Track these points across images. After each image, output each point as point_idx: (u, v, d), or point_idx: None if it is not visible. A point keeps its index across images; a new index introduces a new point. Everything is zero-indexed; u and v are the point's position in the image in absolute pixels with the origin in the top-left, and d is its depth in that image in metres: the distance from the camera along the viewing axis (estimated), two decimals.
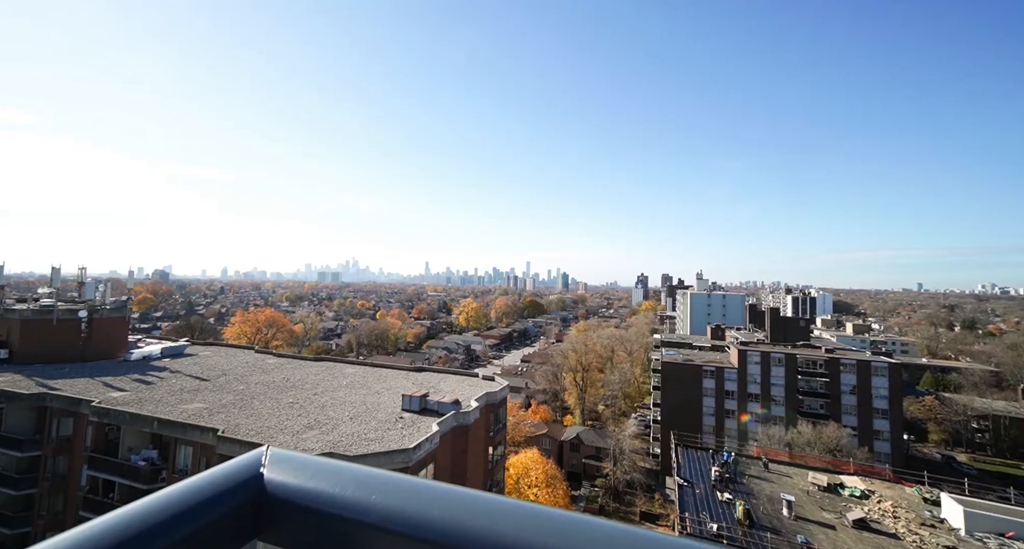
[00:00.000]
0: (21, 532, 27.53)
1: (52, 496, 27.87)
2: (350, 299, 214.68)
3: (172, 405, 26.62)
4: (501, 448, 32.52)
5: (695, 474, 29.48)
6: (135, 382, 31.77)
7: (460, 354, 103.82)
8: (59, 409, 27.94)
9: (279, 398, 28.99)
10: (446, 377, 36.33)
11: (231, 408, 26.56)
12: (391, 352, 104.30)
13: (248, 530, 0.73)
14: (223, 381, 33.03)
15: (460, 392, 30.76)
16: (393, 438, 22.76)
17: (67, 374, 32.86)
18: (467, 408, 27.07)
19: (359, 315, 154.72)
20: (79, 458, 27.05)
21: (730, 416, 53.76)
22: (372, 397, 29.89)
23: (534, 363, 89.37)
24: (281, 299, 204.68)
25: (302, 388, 31.69)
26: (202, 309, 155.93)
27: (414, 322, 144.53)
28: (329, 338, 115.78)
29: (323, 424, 24.35)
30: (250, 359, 41.93)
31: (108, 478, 25.12)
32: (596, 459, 54.18)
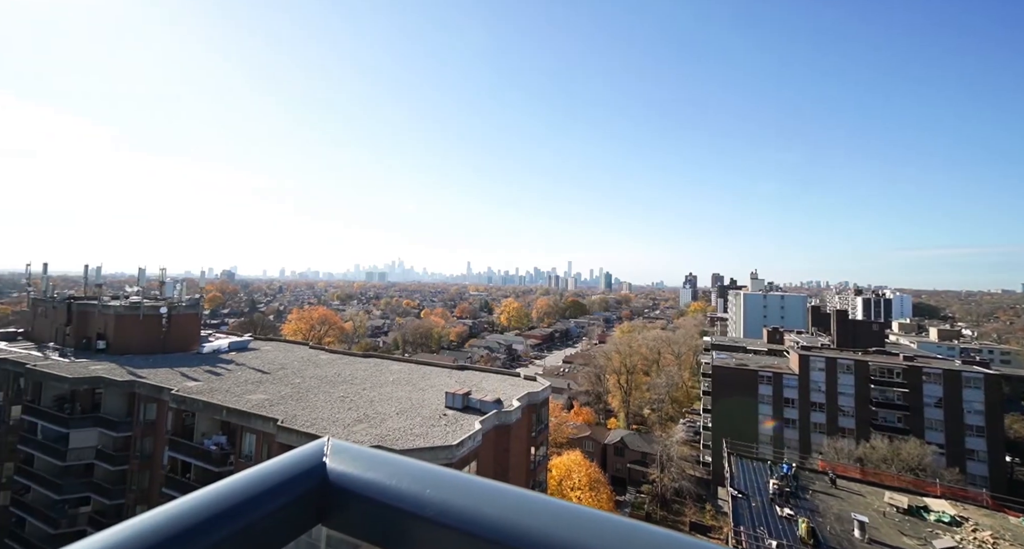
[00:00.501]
0: (117, 503, 31.12)
1: (140, 473, 31.23)
2: (396, 298, 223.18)
3: (238, 395, 28.91)
4: (543, 449, 32.32)
5: (750, 486, 27.68)
6: (207, 373, 34.88)
7: (501, 353, 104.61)
8: (145, 395, 31.27)
9: (331, 392, 30.62)
10: (488, 376, 36.68)
11: (289, 400, 28.40)
12: (434, 350, 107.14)
13: (313, 515, 0.77)
14: (281, 374, 35.44)
15: (502, 391, 30.91)
16: (437, 434, 23.28)
17: (151, 364, 36.70)
18: (509, 407, 27.14)
19: (404, 314, 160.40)
20: (162, 440, 30.09)
21: (790, 426, 50.04)
22: (417, 394, 30.78)
23: (576, 364, 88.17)
24: (332, 298, 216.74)
25: (352, 383, 33.28)
26: (263, 307, 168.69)
27: (456, 321, 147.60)
28: (376, 335, 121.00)
29: (372, 418, 25.40)
30: (305, 354, 44.70)
31: (185, 459, 27.75)
32: (642, 464, 52.49)
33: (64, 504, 31.71)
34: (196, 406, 27.67)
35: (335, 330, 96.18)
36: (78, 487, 31.50)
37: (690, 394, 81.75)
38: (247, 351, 44.69)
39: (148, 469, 31.00)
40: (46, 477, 32.13)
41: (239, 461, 26.03)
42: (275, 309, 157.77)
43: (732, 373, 52.87)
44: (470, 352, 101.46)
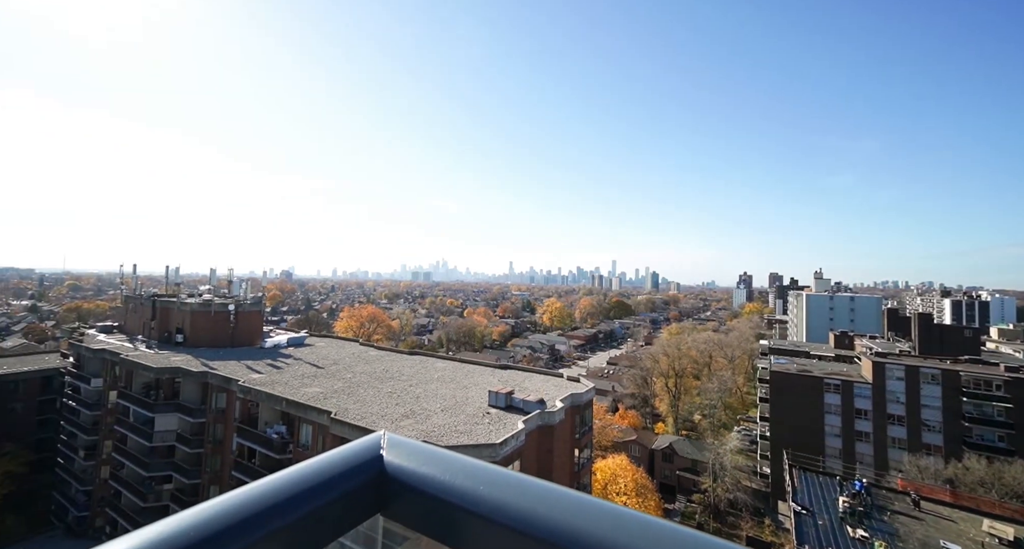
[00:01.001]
0: (194, 482, 34.36)
1: (213, 456, 34.26)
2: (440, 297, 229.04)
3: (296, 388, 30.86)
4: (587, 451, 31.70)
5: (816, 502, 25.48)
6: (268, 366, 37.58)
7: (544, 353, 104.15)
8: (216, 385, 34.23)
9: (380, 387, 31.87)
10: (531, 376, 36.55)
11: (341, 394, 29.90)
12: (477, 349, 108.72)
13: (372, 504, 0.82)
14: (334, 369, 37.41)
15: (545, 391, 30.65)
16: (481, 432, 23.48)
17: (220, 357, 40.13)
18: (552, 408, 26.85)
19: (448, 313, 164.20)
20: (231, 427, 32.80)
21: (863, 439, 45.59)
22: (461, 392, 31.27)
23: (621, 366, 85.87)
24: (380, 297, 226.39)
25: (399, 379, 34.45)
26: (317, 305, 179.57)
27: (499, 320, 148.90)
28: (422, 334, 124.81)
29: (418, 414, 26.12)
30: (355, 350, 46.93)
31: (251, 446, 30.04)
32: (692, 472, 50.09)
33: (151, 481, 35.48)
34: (259, 397, 29.87)
35: (383, 328, 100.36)
36: (162, 466, 35.11)
37: (745, 400, 76.94)
38: (303, 346, 47.67)
39: (219, 453, 33.90)
40: (136, 456, 36.12)
41: (297, 450, 27.76)
42: (328, 307, 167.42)
43: (793, 379, 49.04)
44: (512, 351, 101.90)
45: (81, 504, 41.28)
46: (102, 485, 39.65)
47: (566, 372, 38.14)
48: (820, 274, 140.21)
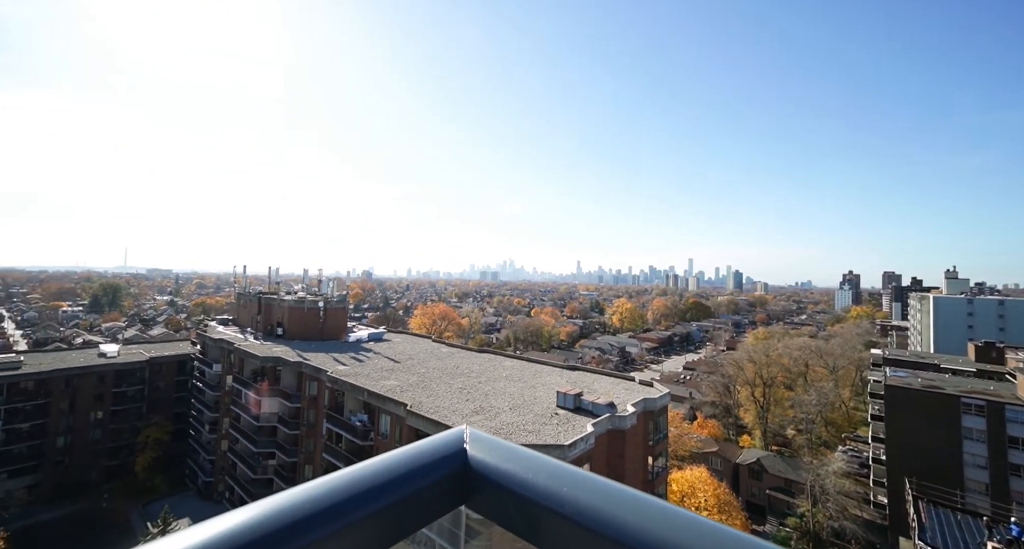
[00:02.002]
0: (292, 460, 38.71)
1: (307, 438, 38.30)
2: (507, 297, 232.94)
3: (376, 380, 33.29)
4: (662, 460, 30.02)
5: (952, 543, 21.47)
6: (352, 359, 41.03)
7: (614, 355, 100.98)
8: (309, 375, 38.18)
9: (451, 383, 33.16)
10: (599, 378, 35.57)
11: (415, 388, 31.63)
12: (545, 349, 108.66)
13: (457, 496, 0.85)
14: (409, 364, 39.72)
15: (615, 395, 29.60)
16: (549, 433, 23.32)
17: (312, 349, 44.68)
18: (623, 412, 25.83)
19: (515, 312, 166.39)
20: (321, 413, 36.38)
21: (1019, 474, 37.43)
22: (528, 391, 31.38)
23: (699, 371, 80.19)
24: (451, 296, 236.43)
25: (469, 376, 35.56)
26: (394, 303, 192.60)
27: (566, 320, 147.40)
28: (490, 332, 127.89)
29: (487, 411, 26.70)
30: (428, 347, 49.41)
31: (337, 431, 33.04)
32: (786, 492, 45.11)
33: (259, 456, 40.63)
34: (345, 387, 32.72)
35: (453, 325, 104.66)
36: (267, 444, 40.03)
37: (852, 417, 67.47)
38: (382, 342, 51.33)
39: (312, 436, 37.78)
40: (247, 433, 41.62)
41: (378, 438, 29.93)
42: (403, 305, 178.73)
43: (917, 396, 41.81)
44: (580, 352, 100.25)
45: (207, 471, 48.67)
46: (222, 456, 46.34)
47: (638, 376, 36.49)
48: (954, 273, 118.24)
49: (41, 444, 47.47)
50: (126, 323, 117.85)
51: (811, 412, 58.95)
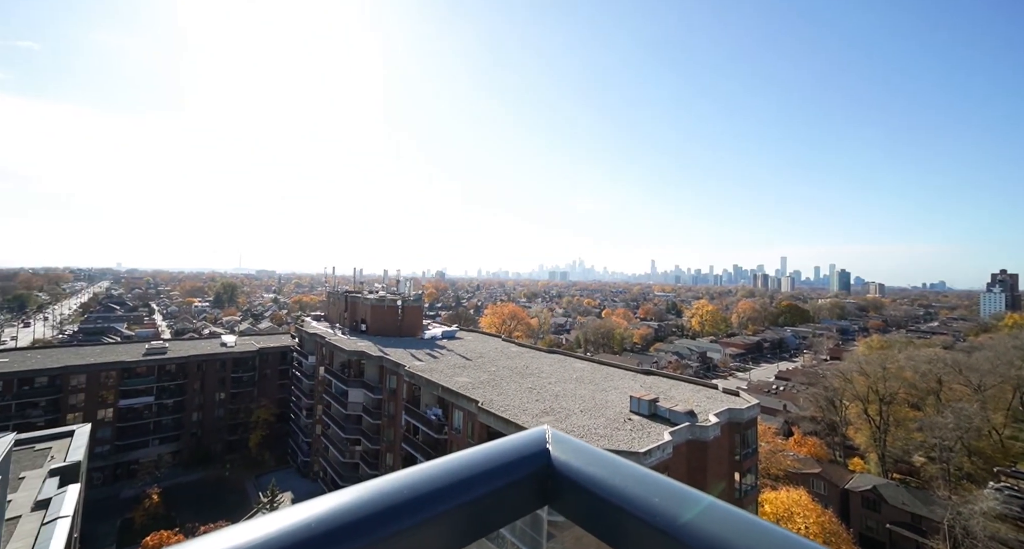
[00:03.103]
0: (375, 448, 41.98)
1: (388, 428, 41.26)
2: (577, 297, 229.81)
3: (449, 376, 34.78)
4: (751, 477, 27.40)
5: None
6: (427, 355, 43.33)
7: (693, 361, 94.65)
8: (389, 369, 41.08)
9: (521, 382, 33.50)
10: (677, 384, 33.50)
11: (486, 385, 32.47)
12: (616, 351, 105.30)
13: (540, 496, 0.85)
14: (480, 362, 40.90)
15: (695, 403, 27.68)
16: (622, 438, 22.47)
17: (392, 344, 48.00)
18: (705, 422, 24.02)
19: (585, 313, 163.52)
20: (400, 405, 38.95)
21: None
22: (600, 394, 30.58)
23: (796, 382, 71.98)
24: (520, 296, 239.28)
25: (539, 376, 35.64)
26: (465, 302, 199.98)
27: (640, 322, 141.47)
28: (559, 332, 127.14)
29: (557, 412, 26.52)
30: (498, 346, 50.45)
31: (414, 423, 35.12)
32: (914, 530, 38.59)
33: (347, 441, 44.67)
34: (421, 381, 34.66)
35: (522, 325, 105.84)
36: (354, 431, 43.85)
37: (1008, 448, 55.69)
38: (455, 339, 53.52)
39: (392, 426, 40.60)
40: (337, 419, 45.97)
41: (451, 432, 31.25)
42: (474, 304, 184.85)
43: None
44: (655, 356, 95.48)
45: (305, 451, 54.71)
46: (317, 439, 51.77)
47: (721, 384, 33.71)
48: None
49: (180, 418, 57.01)
50: (240, 317, 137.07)
51: (948, 438, 49.69)
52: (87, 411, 50.28)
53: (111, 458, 51.02)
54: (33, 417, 46.92)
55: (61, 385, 49.78)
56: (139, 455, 53.26)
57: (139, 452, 53.45)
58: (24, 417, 46.40)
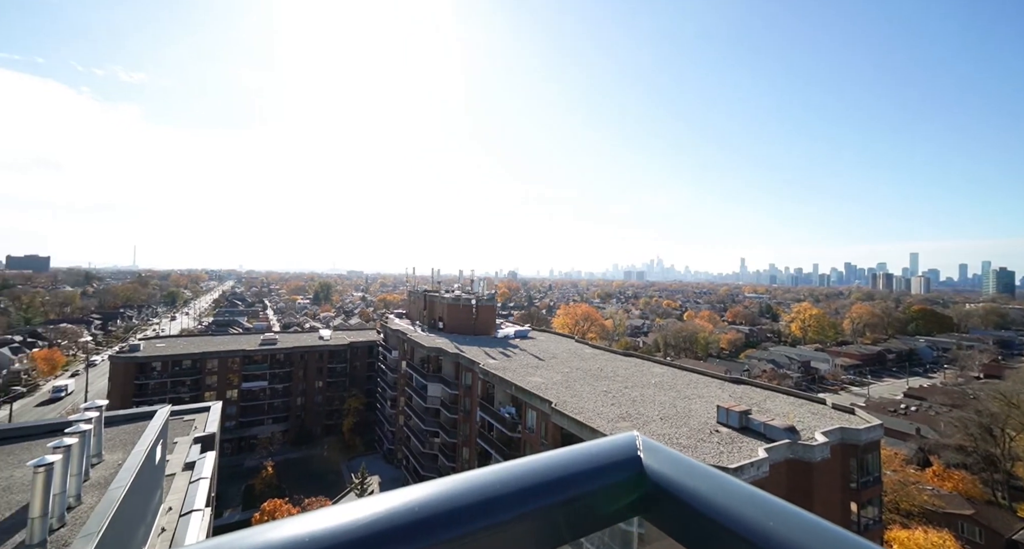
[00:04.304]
0: (452, 441, 44.09)
1: (464, 423, 43.06)
2: (655, 298, 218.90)
3: (522, 376, 35.29)
4: (873, 509, 23.85)
5: None
6: (500, 354, 44.38)
7: (793, 371, 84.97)
8: (464, 365, 42.83)
9: (595, 385, 32.86)
10: (773, 396, 30.34)
11: (559, 386, 32.37)
12: (700, 357, 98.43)
13: (632, 505, 0.80)
14: (553, 363, 40.87)
15: (796, 418, 24.82)
16: (707, 451, 20.97)
17: (467, 342, 49.95)
18: (809, 440, 21.43)
19: (665, 315, 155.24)
20: (475, 401, 40.43)
21: None
22: (682, 402, 28.86)
23: (934, 402, 61.13)
24: (593, 296, 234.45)
25: (614, 379, 34.65)
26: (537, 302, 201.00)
27: (727, 326, 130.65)
28: (636, 335, 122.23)
29: (634, 418, 25.56)
30: (571, 347, 49.97)
31: (489, 420, 36.21)
32: None
33: (426, 433, 47.49)
34: (494, 379, 35.63)
35: (596, 327, 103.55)
36: (432, 423, 46.47)
37: None
38: (527, 339, 54.13)
39: (468, 421, 42.27)
40: (418, 412, 49.06)
41: (525, 431, 31.69)
42: (546, 304, 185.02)
43: None
44: (746, 364, 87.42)
45: (389, 439, 59.27)
46: (400, 429, 55.79)
47: (829, 398, 29.81)
48: None
49: (288, 401, 65.14)
50: (334, 313, 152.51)
51: None
52: (219, 390, 59.75)
53: (236, 432, 59.98)
54: (181, 392, 57.00)
55: (200, 368, 59.80)
56: (256, 431, 61.93)
57: (256, 429, 62.15)
58: (176, 392, 56.57)
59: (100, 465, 12.07)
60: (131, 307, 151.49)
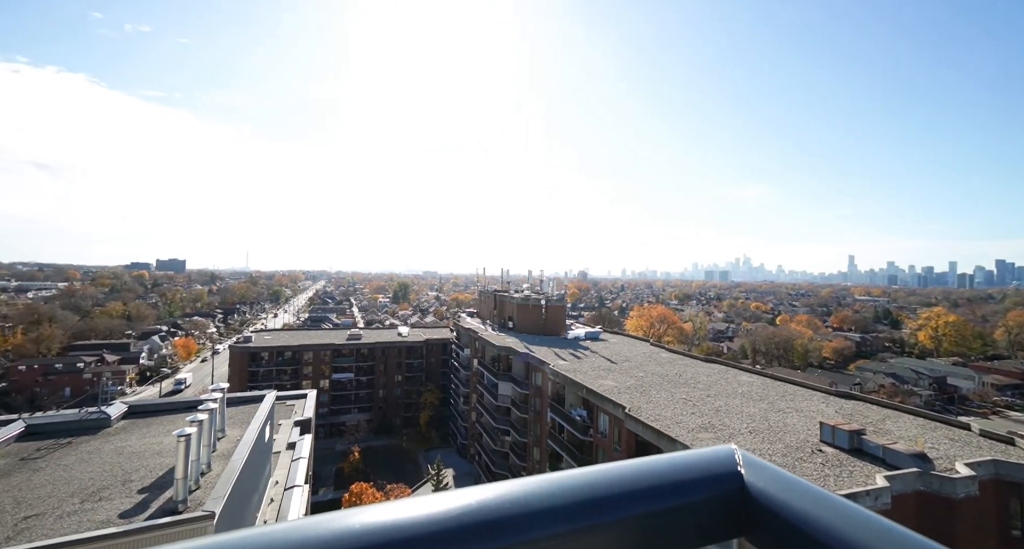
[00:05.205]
0: (523, 441, 44.65)
1: (534, 423, 43.36)
2: (741, 300, 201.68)
3: (593, 378, 34.61)
4: None
5: None
6: (571, 355, 43.93)
7: (923, 388, 72.97)
8: (534, 365, 43.08)
9: (673, 392, 31.15)
10: (895, 415, 26.30)
11: (633, 391, 31.20)
12: (798, 366, 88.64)
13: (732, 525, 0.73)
14: (626, 366, 39.50)
15: (927, 443, 21.23)
16: (809, 473, 18.80)
17: (536, 342, 50.18)
18: (950, 472, 18.21)
19: (753, 318, 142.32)
20: (545, 401, 40.50)
21: None
22: (775, 415, 26.23)
23: None
24: (670, 297, 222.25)
25: (694, 387, 32.55)
26: (608, 303, 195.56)
27: (832, 333, 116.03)
28: (719, 340, 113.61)
29: (718, 429, 23.80)
30: (646, 350, 47.88)
31: (559, 421, 36.04)
32: None
33: (498, 431, 48.63)
34: (565, 381, 35.38)
35: (674, 330, 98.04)
36: (503, 422, 47.44)
37: None
38: (598, 341, 52.92)
39: (538, 422, 42.49)
40: (489, 410, 50.43)
41: (597, 435, 31.05)
42: (618, 305, 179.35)
43: None
44: (858, 376, 76.87)
45: (463, 434, 61.68)
46: (472, 425, 57.80)
47: (975, 423, 25.05)
48: None
49: (371, 393, 70.76)
50: (411, 311, 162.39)
51: None
52: (313, 380, 66.79)
53: (327, 419, 66.55)
54: (283, 380, 64.67)
55: (299, 358, 67.35)
56: (345, 419, 68.15)
57: (344, 416, 68.39)
58: (279, 380, 64.33)
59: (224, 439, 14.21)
60: (244, 303, 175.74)
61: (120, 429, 14.78)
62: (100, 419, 14.74)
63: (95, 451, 13.02)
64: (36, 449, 13.04)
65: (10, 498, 10.46)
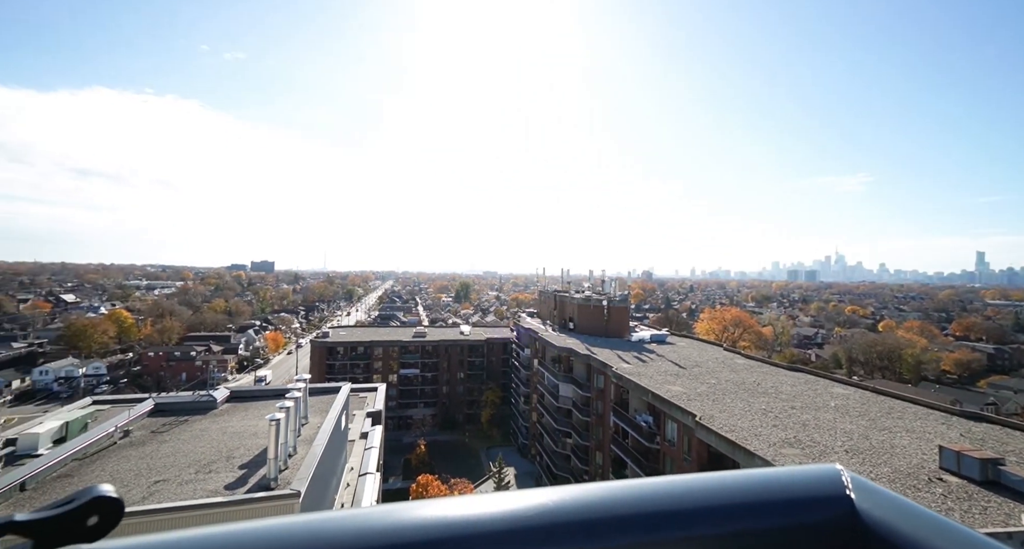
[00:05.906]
0: (585, 444, 43.99)
1: (596, 426, 42.52)
2: (832, 303, 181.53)
3: (659, 383, 33.12)
4: None
5: None
6: (635, 358, 42.42)
7: None
8: (596, 368, 42.21)
9: (750, 401, 28.88)
10: None
11: (704, 398, 29.39)
12: (907, 380, 77.91)
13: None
14: (696, 372, 37.31)
15: None
16: (927, 505, 16.38)
17: (598, 344, 49.10)
18: None
19: (848, 323, 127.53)
20: (608, 405, 39.53)
21: None
22: (878, 434, 23.30)
23: None
24: (746, 299, 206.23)
25: (776, 397, 29.93)
26: (676, 304, 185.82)
27: (955, 343, 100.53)
28: (805, 346, 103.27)
29: (805, 444, 21.66)
30: (718, 355, 44.86)
31: (623, 426, 35.00)
32: None
33: (559, 433, 48.37)
34: (629, 385, 34.25)
35: (750, 334, 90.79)
36: (564, 424, 47.07)
37: None
38: (665, 344, 50.56)
39: (601, 425, 41.59)
40: (550, 411, 50.30)
41: (664, 443, 29.72)
42: (687, 307, 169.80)
43: None
44: (991, 395, 65.79)
45: (523, 434, 62.18)
46: (533, 425, 58.05)
47: None
48: None
49: (435, 389, 73.81)
50: (472, 311, 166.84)
51: None
52: (383, 374, 71.12)
53: (395, 412, 70.52)
54: (356, 374, 69.64)
55: (370, 354, 72.12)
56: (411, 413, 71.77)
57: (411, 411, 72.03)
58: (352, 373, 69.41)
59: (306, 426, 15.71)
60: (323, 301, 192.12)
61: (224, 411, 16.96)
62: (208, 402, 17.04)
63: (205, 429, 15.12)
64: (162, 424, 15.43)
65: (145, 464, 12.69)
